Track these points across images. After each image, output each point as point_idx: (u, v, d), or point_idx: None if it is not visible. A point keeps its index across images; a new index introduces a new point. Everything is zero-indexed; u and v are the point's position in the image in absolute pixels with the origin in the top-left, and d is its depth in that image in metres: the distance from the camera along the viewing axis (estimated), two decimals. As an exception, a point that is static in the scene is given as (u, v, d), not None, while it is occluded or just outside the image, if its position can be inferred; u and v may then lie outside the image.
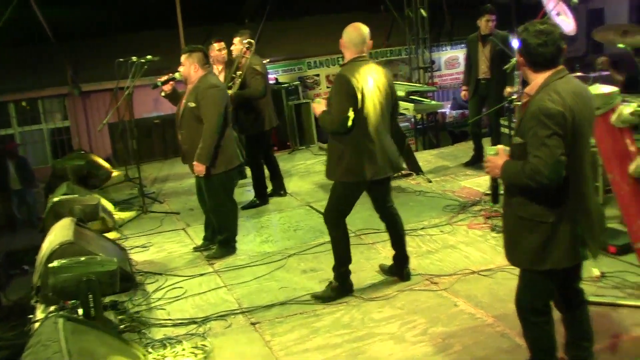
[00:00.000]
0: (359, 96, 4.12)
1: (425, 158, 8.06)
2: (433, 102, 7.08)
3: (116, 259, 4.37)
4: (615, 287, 4.23)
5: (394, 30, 12.60)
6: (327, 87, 11.13)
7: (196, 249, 5.71)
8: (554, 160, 2.70)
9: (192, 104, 5.12)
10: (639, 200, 3.67)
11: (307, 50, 11.92)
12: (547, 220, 2.87)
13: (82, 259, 4.05)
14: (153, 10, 13.34)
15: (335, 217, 4.45)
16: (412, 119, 10.54)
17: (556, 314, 3.19)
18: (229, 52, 6.73)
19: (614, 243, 4.74)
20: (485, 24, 7.07)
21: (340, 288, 4.49)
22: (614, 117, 3.57)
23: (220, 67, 6.74)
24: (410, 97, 6.98)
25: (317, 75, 12.09)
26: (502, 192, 3.18)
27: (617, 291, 4.17)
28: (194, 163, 5.15)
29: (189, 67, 5.17)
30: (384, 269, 4.81)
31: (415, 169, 7.35)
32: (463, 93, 7.44)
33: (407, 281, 4.64)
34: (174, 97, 5.46)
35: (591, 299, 3.98)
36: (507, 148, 3.04)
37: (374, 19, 13.30)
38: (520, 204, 2.93)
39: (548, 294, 3.08)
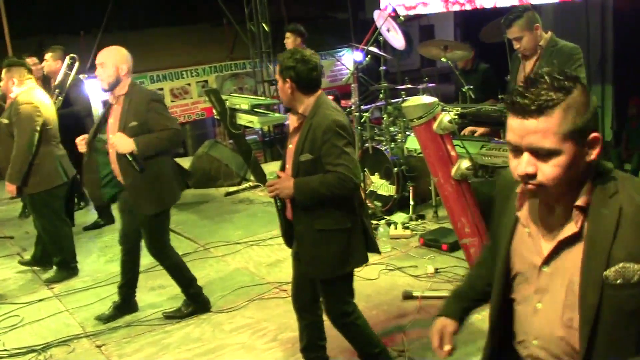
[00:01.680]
0: None
1: (272, 169, 8.17)
2: (277, 115, 7.23)
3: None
4: (447, 281, 4.59)
5: (237, 43, 12.67)
6: (172, 101, 10.93)
7: (22, 262, 5.53)
8: (354, 164, 2.99)
9: (5, 120, 4.91)
10: (461, 200, 4.00)
11: (150, 63, 11.64)
12: (345, 226, 3.09)
13: None
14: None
15: (163, 249, 4.28)
16: (260, 132, 10.64)
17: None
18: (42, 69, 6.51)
19: (444, 241, 5.15)
20: (286, 42, 7.55)
21: (197, 308, 4.42)
22: (435, 125, 3.88)
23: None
24: (255, 109, 7.07)
25: (161, 89, 11.84)
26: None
27: (449, 285, 4.52)
28: (6, 182, 4.93)
29: (7, 82, 4.96)
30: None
31: (262, 180, 7.43)
32: None
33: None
34: None
35: (427, 293, 4.32)
36: (282, 172, 3.17)
37: (218, 32, 13.35)
38: (316, 217, 3.07)
39: (350, 291, 3.27)
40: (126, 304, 4.49)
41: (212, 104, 7.25)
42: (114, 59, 4.00)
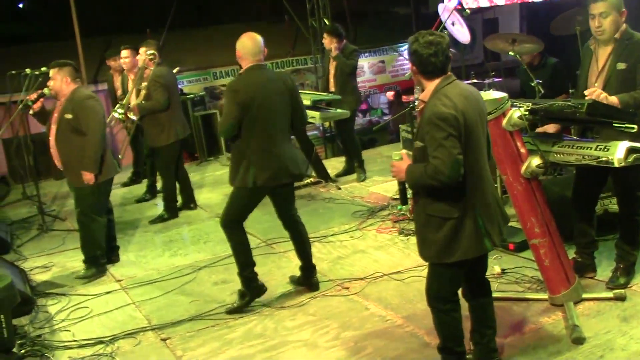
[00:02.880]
0: (250, 104, 4.16)
1: (333, 165, 8.17)
2: (339, 110, 7.17)
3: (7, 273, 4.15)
4: (515, 282, 4.45)
5: (299, 39, 12.70)
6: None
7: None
8: (451, 159, 2.90)
9: (69, 115, 5.03)
10: (531, 199, 3.86)
11: (213, 60, 11.79)
12: (452, 216, 3.07)
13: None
14: (48, 21, 12.83)
15: (230, 222, 4.42)
16: (321, 127, 10.63)
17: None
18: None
19: (512, 240, 4.98)
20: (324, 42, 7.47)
21: (248, 292, 4.45)
22: (504, 121, 3.75)
23: (129, 76, 6.74)
24: (317, 105, 7.04)
25: (223, 85, 11.98)
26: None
27: (516, 286, 4.38)
28: (83, 172, 5.06)
29: (60, 82, 5.10)
30: (293, 280, 4.81)
31: (324, 176, 7.44)
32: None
33: (316, 290, 4.66)
34: (42, 114, 5.34)
35: (494, 294, 4.18)
36: (410, 153, 3.21)
37: (279, 28, 13.37)
38: (427, 202, 3.11)
39: (455, 283, 3.25)
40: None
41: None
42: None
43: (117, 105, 6.56)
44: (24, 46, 12.10)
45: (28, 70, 7.00)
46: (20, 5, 15.23)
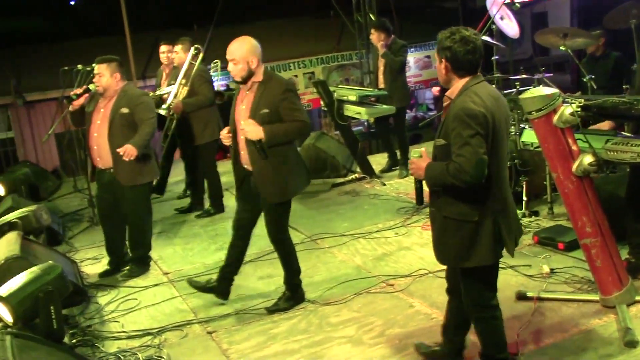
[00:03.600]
0: None
1: (378, 161, 8.13)
2: (385, 106, 7.12)
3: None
4: (564, 282, 4.35)
5: (344, 34, 12.67)
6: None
7: (102, 275, 5.33)
8: (477, 158, 2.82)
9: (125, 110, 5.00)
10: (582, 198, 3.77)
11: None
12: (472, 219, 2.99)
13: (25, 277, 3.87)
14: (98, 17, 13.11)
15: (282, 236, 4.37)
16: (366, 123, 10.59)
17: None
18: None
19: (561, 240, 4.88)
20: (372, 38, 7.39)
21: (294, 298, 4.46)
22: (555, 118, 3.66)
23: (167, 71, 6.80)
24: (362, 101, 7.02)
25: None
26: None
27: (566, 286, 4.29)
28: (127, 146, 4.88)
29: (110, 77, 5.02)
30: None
31: (369, 172, 7.41)
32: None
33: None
34: (80, 114, 5.22)
35: (542, 295, 4.11)
36: (430, 150, 3.15)
37: (325, 23, 13.36)
38: (445, 204, 3.04)
39: (490, 287, 3.17)
40: (221, 286, 4.57)
41: (319, 95, 7.38)
42: (243, 54, 4.05)
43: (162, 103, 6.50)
44: (75, 42, 12.39)
45: (80, 66, 7.16)
46: (72, 2, 15.60)
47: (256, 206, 4.33)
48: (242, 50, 4.06)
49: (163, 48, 6.86)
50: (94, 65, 6.50)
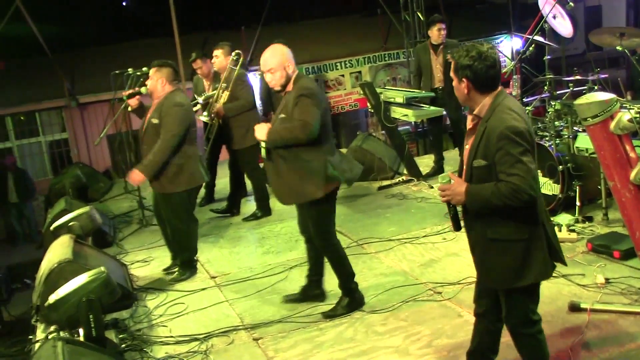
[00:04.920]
0: (326, 108, 4.22)
1: (426, 163, 8.02)
2: (432, 108, 7.02)
3: (105, 269, 4.29)
4: (620, 293, 4.18)
5: (391, 33, 12.57)
6: (326, 92, 11.04)
7: (166, 270, 5.51)
8: (531, 175, 2.75)
9: (155, 121, 5.04)
10: (642, 207, 3.62)
11: (306, 55, 11.89)
12: (522, 238, 2.90)
13: (72, 285, 3.96)
14: (149, 19, 13.35)
15: (331, 239, 4.34)
16: (413, 123, 10.50)
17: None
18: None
19: (617, 247, 4.70)
20: (437, 33, 7.22)
21: (353, 303, 4.42)
22: (612, 125, 3.53)
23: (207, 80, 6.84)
24: (410, 103, 6.93)
25: (317, 80, 12.07)
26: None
27: (622, 297, 4.12)
28: (134, 170, 5.06)
29: (156, 82, 5.10)
30: (290, 299, 4.67)
31: (416, 174, 7.32)
32: None
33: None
34: (140, 111, 5.36)
35: (596, 306, 3.97)
36: (455, 173, 3.03)
37: (372, 22, 13.31)
38: (490, 226, 2.92)
39: (534, 302, 3.08)
40: (311, 289, 4.61)
41: (366, 97, 7.33)
42: (279, 61, 4.06)
43: (203, 108, 6.56)
44: (126, 44, 12.67)
45: (130, 70, 7.30)
46: (124, 3, 15.94)
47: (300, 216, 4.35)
48: (277, 58, 4.07)
49: (199, 63, 6.86)
50: (144, 68, 6.66)
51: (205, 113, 6.45)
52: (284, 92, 4.18)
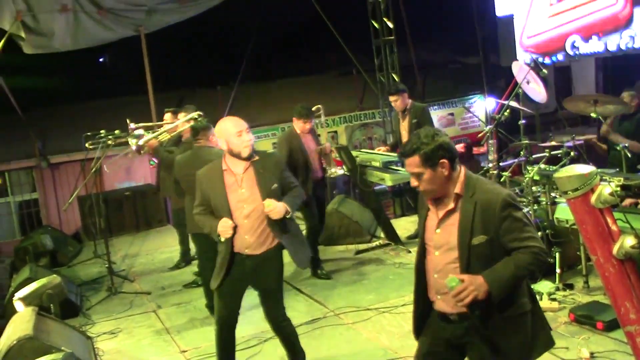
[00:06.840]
0: None
1: (403, 226, 7.91)
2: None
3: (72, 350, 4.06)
4: (606, 369, 4.06)
5: (367, 92, 12.67)
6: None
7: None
8: (537, 233, 2.77)
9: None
10: (625, 282, 3.51)
11: (282, 114, 11.86)
12: (527, 309, 2.82)
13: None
14: (122, 77, 13.29)
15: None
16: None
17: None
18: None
19: (600, 318, 4.58)
20: (394, 104, 7.29)
21: None
22: (594, 198, 3.45)
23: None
24: (388, 167, 6.85)
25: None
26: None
27: (609, 374, 4.00)
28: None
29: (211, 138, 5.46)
30: None
31: (394, 239, 7.20)
32: None
33: None
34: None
35: (583, 383, 3.82)
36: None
37: (347, 81, 13.39)
38: (502, 304, 2.73)
39: None
40: None
41: (342, 160, 7.23)
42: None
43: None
44: (100, 101, 12.55)
45: (102, 132, 7.15)
46: (101, 60, 15.89)
47: (240, 298, 4.18)
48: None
49: (167, 116, 6.85)
50: (117, 131, 6.54)
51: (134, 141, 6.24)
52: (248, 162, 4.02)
